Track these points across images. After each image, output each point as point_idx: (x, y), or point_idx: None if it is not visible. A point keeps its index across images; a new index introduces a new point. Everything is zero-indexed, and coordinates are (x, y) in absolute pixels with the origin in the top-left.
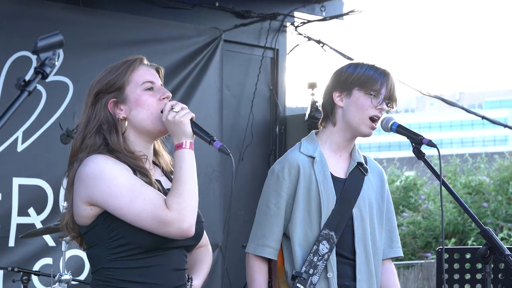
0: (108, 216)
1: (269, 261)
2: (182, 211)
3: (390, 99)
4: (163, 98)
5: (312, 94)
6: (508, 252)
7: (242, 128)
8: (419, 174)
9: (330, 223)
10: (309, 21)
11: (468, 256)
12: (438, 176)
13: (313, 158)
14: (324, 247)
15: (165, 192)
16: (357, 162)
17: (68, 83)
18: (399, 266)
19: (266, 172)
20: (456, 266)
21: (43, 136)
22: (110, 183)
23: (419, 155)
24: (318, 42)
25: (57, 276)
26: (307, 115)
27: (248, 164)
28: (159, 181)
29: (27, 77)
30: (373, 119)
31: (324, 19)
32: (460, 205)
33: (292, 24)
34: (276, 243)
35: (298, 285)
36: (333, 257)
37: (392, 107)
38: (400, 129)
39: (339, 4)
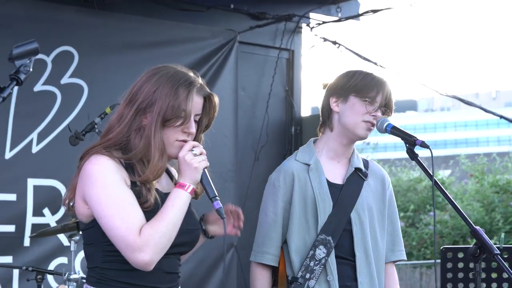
0: None
1: (276, 269)
2: (149, 244)
3: (385, 107)
4: (185, 132)
5: None
6: (497, 251)
7: (257, 128)
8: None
9: (327, 228)
10: (324, 22)
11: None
12: (430, 177)
13: (308, 165)
14: (321, 251)
15: (165, 197)
16: (354, 168)
17: (83, 85)
18: (423, 265)
19: None
20: (460, 265)
21: (58, 137)
22: (101, 189)
23: (413, 155)
24: (334, 43)
25: (66, 275)
26: None
27: (263, 164)
28: (157, 190)
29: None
30: (368, 122)
31: (339, 20)
32: (451, 205)
33: (308, 25)
34: (275, 250)
35: None
36: (332, 261)
37: (388, 115)
38: (394, 131)
39: (355, 4)
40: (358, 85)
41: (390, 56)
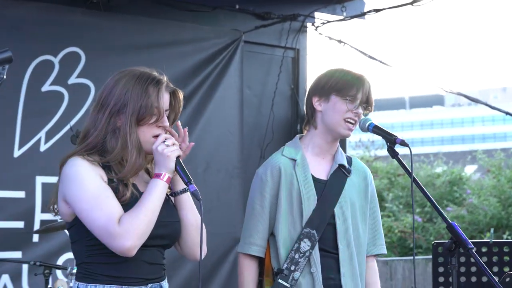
0: None
1: (262, 260)
2: (129, 231)
3: (366, 103)
4: (160, 126)
5: None
6: (471, 245)
7: (263, 126)
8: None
9: (311, 221)
10: (329, 21)
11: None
12: (409, 174)
13: (295, 160)
14: (305, 244)
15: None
16: (338, 164)
17: (90, 85)
18: None
19: None
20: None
21: (65, 136)
22: (79, 186)
23: (393, 153)
24: (339, 41)
25: (69, 269)
26: None
27: None
28: (134, 185)
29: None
30: (349, 122)
31: (344, 19)
32: (428, 200)
33: (313, 24)
34: (262, 241)
35: (280, 281)
36: (316, 254)
37: (369, 111)
38: (376, 129)
39: (360, 4)
40: (338, 84)
41: (395, 54)
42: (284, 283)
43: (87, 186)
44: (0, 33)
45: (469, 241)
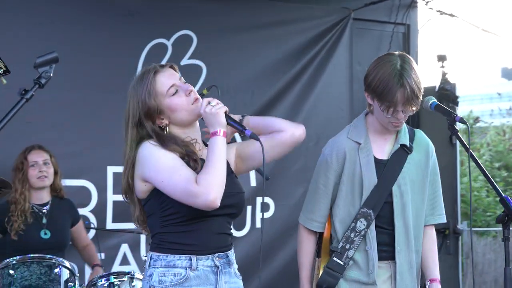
0: (159, 190)
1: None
2: (208, 186)
3: (406, 106)
4: (189, 93)
5: (442, 67)
6: None
7: None
8: None
9: (369, 202)
10: None
11: None
12: (467, 150)
13: (359, 144)
14: (361, 224)
15: None
16: (400, 144)
17: (202, 65)
18: None
19: None
20: None
21: None
22: (156, 161)
23: (453, 131)
24: (451, 15)
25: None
26: (437, 87)
27: None
28: (203, 160)
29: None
30: (393, 123)
31: None
32: (484, 175)
33: None
34: (322, 218)
35: (334, 258)
36: (372, 232)
37: (416, 109)
38: (438, 108)
39: None
40: (379, 89)
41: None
42: (339, 261)
43: (164, 159)
44: (115, 19)
45: None
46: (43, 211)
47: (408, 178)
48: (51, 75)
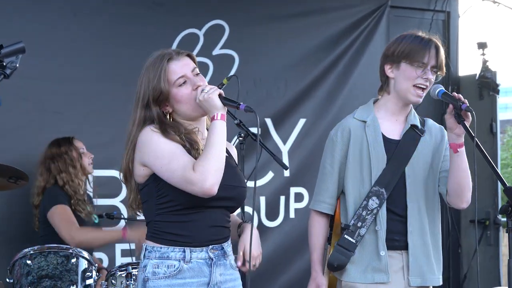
0: (157, 176)
1: (333, 217)
2: (204, 172)
3: (436, 67)
4: (196, 88)
5: (483, 54)
6: None
7: None
8: None
9: (381, 180)
10: None
11: None
12: (472, 138)
13: (365, 122)
14: (373, 202)
15: None
16: (411, 124)
17: (234, 55)
18: None
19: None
20: None
21: None
22: (156, 146)
23: (459, 119)
24: (493, 1)
25: None
26: (477, 75)
27: None
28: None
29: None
30: (419, 87)
31: None
32: (489, 165)
33: None
34: (331, 199)
35: (345, 236)
36: (383, 212)
37: (441, 74)
38: (445, 96)
39: None
40: (406, 50)
41: None
42: (350, 238)
43: (163, 145)
44: (143, 9)
45: None
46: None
47: (422, 159)
48: (17, 65)
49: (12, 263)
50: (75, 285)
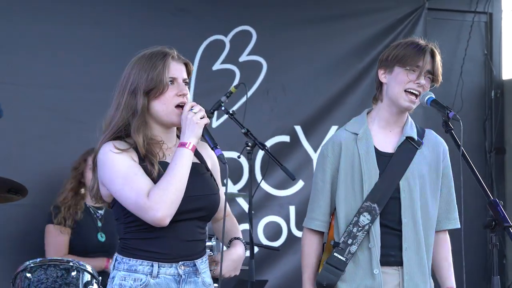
0: None
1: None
2: (159, 203)
3: (431, 73)
4: (180, 95)
5: None
6: (508, 223)
7: (452, 94)
8: None
9: (373, 195)
10: None
11: None
12: (458, 147)
13: (357, 135)
14: (365, 218)
15: None
16: (406, 137)
17: (262, 61)
18: None
19: (481, 137)
20: None
21: (236, 112)
22: (110, 169)
23: (447, 128)
24: None
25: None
26: None
27: (459, 130)
28: (165, 163)
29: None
30: (410, 93)
31: None
32: (474, 176)
33: None
34: (323, 216)
35: (335, 254)
36: (376, 228)
37: (436, 82)
38: (434, 104)
39: None
40: (400, 55)
41: None
42: (340, 256)
43: (117, 167)
44: (168, 16)
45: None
46: (98, 214)
47: (418, 173)
48: None
49: (14, 275)
50: None
